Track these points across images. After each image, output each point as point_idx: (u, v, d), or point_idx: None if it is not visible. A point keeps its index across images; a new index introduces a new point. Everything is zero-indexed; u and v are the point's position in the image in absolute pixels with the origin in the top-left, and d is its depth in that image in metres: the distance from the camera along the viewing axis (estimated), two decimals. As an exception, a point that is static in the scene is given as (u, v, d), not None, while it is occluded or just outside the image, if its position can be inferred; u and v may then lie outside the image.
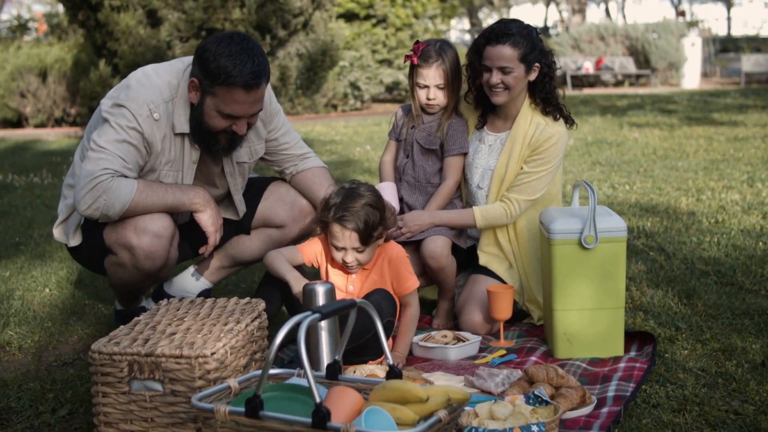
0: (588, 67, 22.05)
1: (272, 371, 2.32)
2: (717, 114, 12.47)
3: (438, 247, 3.37)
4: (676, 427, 2.45)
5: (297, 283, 2.94)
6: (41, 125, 14.13)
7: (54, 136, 12.23)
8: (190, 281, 3.50)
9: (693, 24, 28.13)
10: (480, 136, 3.56)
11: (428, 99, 3.45)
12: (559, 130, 3.41)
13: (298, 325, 1.98)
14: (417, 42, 3.49)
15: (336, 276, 3.08)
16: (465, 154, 3.51)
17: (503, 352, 3.15)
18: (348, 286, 3.06)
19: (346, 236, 2.92)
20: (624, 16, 39.89)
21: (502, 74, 3.32)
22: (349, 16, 17.19)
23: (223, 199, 3.38)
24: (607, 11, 40.41)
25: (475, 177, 3.53)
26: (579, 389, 2.60)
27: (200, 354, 2.24)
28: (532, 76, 3.39)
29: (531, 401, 2.47)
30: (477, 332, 3.33)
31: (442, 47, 3.46)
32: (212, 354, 2.26)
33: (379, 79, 17.19)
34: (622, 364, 2.96)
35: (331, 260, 3.06)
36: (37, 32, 21.92)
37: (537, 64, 3.37)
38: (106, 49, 10.27)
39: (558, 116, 3.44)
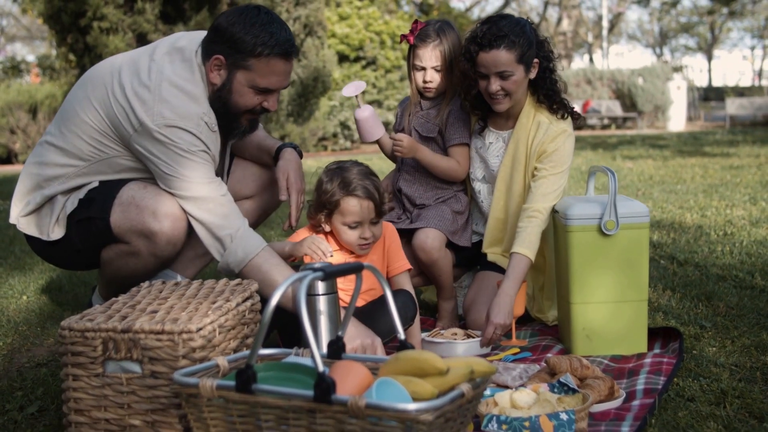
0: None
1: (267, 351, 2.04)
2: (709, 147, 12.36)
3: (429, 239, 3.11)
4: (718, 419, 2.19)
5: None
6: (30, 161, 13.99)
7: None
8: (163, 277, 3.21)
9: (677, 69, 28.40)
10: (481, 133, 3.32)
11: (425, 81, 3.20)
12: (564, 127, 3.14)
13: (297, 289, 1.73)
14: (416, 21, 3.24)
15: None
16: (467, 145, 3.27)
17: (517, 350, 2.89)
18: None
19: (364, 207, 2.70)
20: (608, 66, 40.28)
21: (501, 80, 3.04)
22: (339, 58, 17.19)
23: None
24: (591, 60, 40.78)
25: (477, 173, 3.30)
26: (607, 380, 2.34)
27: (185, 329, 1.95)
28: (533, 74, 3.11)
29: (556, 390, 2.20)
30: (486, 332, 3.06)
31: (442, 27, 3.20)
32: (198, 330, 1.97)
33: (370, 119, 17.09)
34: (648, 360, 2.70)
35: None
36: (29, 75, 21.80)
37: (536, 60, 3.10)
38: (95, 73, 10.17)
39: (565, 114, 3.19)
